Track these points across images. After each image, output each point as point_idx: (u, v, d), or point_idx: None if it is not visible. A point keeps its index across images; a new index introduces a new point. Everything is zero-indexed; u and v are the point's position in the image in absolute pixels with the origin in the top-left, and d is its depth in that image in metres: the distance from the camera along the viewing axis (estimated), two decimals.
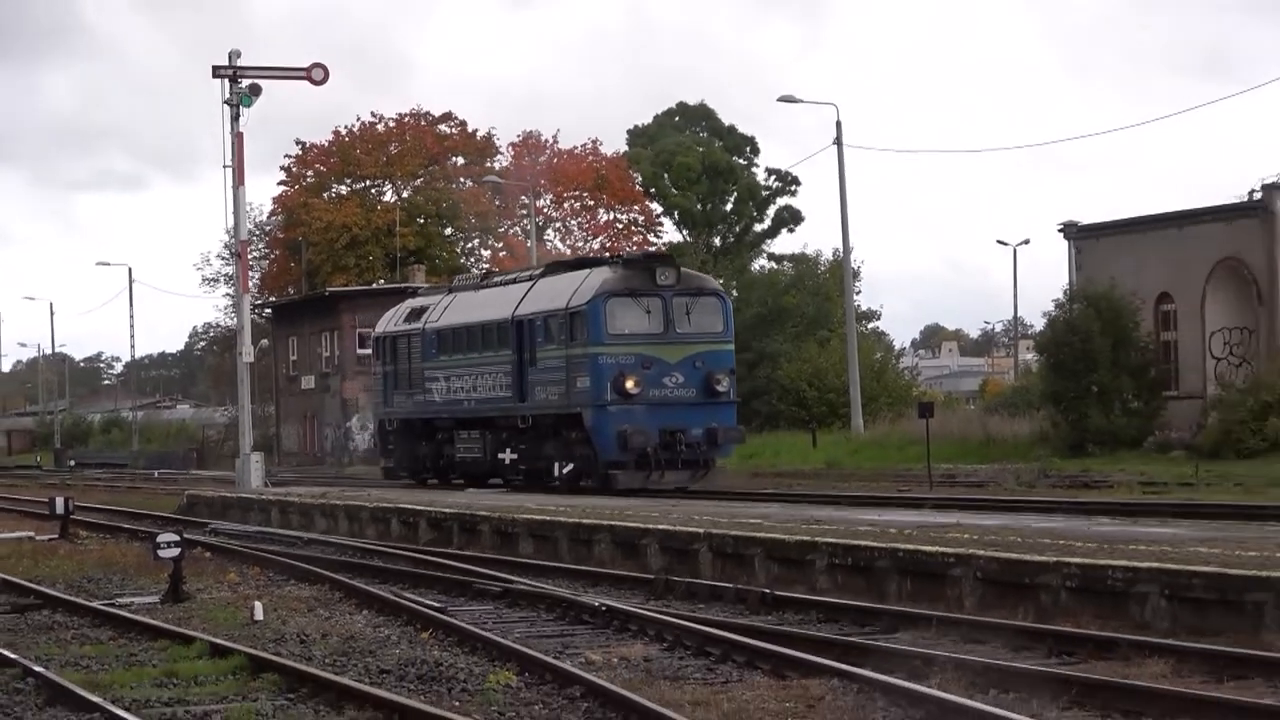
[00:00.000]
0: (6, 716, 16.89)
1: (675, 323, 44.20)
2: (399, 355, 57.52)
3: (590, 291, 43.92)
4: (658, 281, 44.41)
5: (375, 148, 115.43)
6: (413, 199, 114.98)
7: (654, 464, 43.32)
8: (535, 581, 27.29)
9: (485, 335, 50.37)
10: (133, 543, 38.00)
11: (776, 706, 16.02)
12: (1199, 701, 15.42)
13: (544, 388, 46.52)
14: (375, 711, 16.31)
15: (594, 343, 43.12)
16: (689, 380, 43.82)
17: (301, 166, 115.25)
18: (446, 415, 53.23)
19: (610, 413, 42.87)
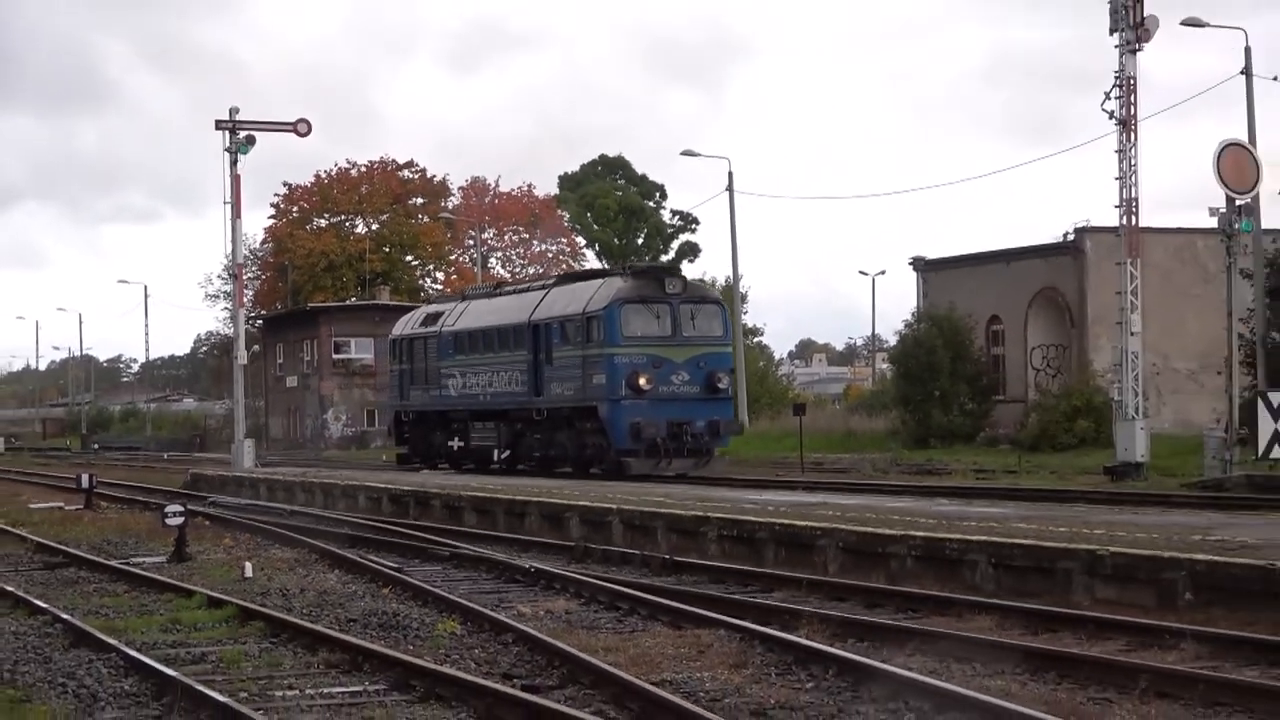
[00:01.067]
0: (39, 656, 16.82)
1: (681, 327, 43.20)
2: (415, 355, 55.55)
3: (606, 298, 42.88)
4: (666, 290, 43.43)
5: (349, 188, 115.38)
6: (380, 231, 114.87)
7: (663, 452, 42.05)
8: (477, 547, 27.25)
9: (501, 337, 48.53)
10: (145, 512, 37.78)
11: (674, 652, 16.08)
12: (1017, 649, 15.57)
13: (560, 384, 44.97)
14: (344, 653, 16.35)
15: (610, 344, 42.22)
16: (694, 378, 42.83)
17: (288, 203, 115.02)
18: (462, 408, 51.40)
19: (624, 406, 41.78)
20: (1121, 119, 42.05)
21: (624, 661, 15.10)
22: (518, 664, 15.77)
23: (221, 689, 13.89)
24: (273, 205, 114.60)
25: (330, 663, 16.17)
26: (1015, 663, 15.09)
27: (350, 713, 13.45)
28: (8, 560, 27.67)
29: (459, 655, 16.34)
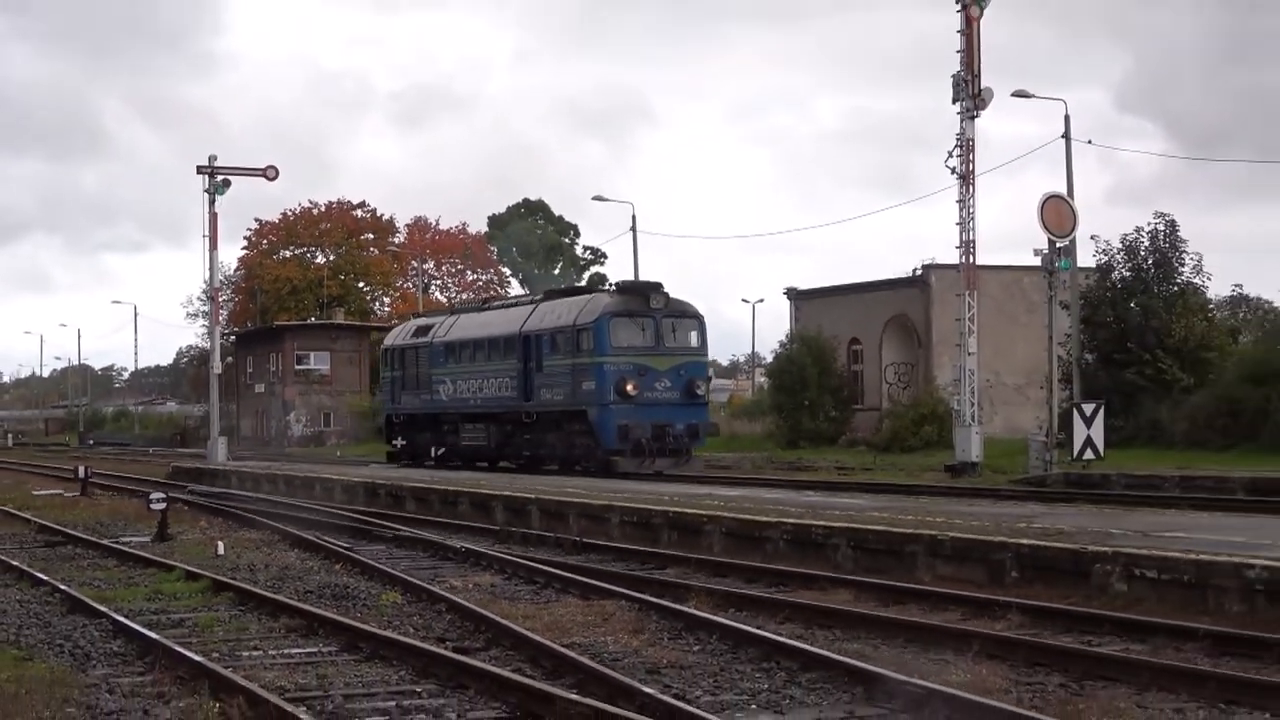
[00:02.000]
0: (40, 621, 16.69)
1: (664, 338, 41.75)
2: (406, 363, 53.26)
3: (595, 312, 41.39)
4: (650, 305, 41.96)
5: (310, 225, 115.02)
6: (336, 261, 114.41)
7: (647, 452, 40.20)
8: (416, 530, 27.12)
9: (493, 347, 46.22)
10: (132, 499, 37.45)
11: (582, 619, 16.05)
12: (871, 618, 15.64)
13: (549, 389, 42.89)
14: (301, 620, 16.31)
15: (599, 353, 40.54)
16: (674, 385, 41.29)
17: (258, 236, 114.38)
18: (453, 411, 49.45)
19: (613, 410, 40.10)
20: (962, 174, 42.34)
21: (539, 627, 15.08)
22: (450, 629, 15.76)
23: (196, 650, 13.84)
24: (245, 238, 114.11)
25: (290, 628, 16.15)
26: (870, 629, 15.20)
27: (306, 670, 13.38)
28: (14, 539, 27.45)
29: (400, 622, 16.29)
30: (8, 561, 22.67)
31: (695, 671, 13.00)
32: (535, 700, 11.55)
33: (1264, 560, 15.49)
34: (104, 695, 12.29)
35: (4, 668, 13.30)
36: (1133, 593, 16.30)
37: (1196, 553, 16.53)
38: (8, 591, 19.60)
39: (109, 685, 12.76)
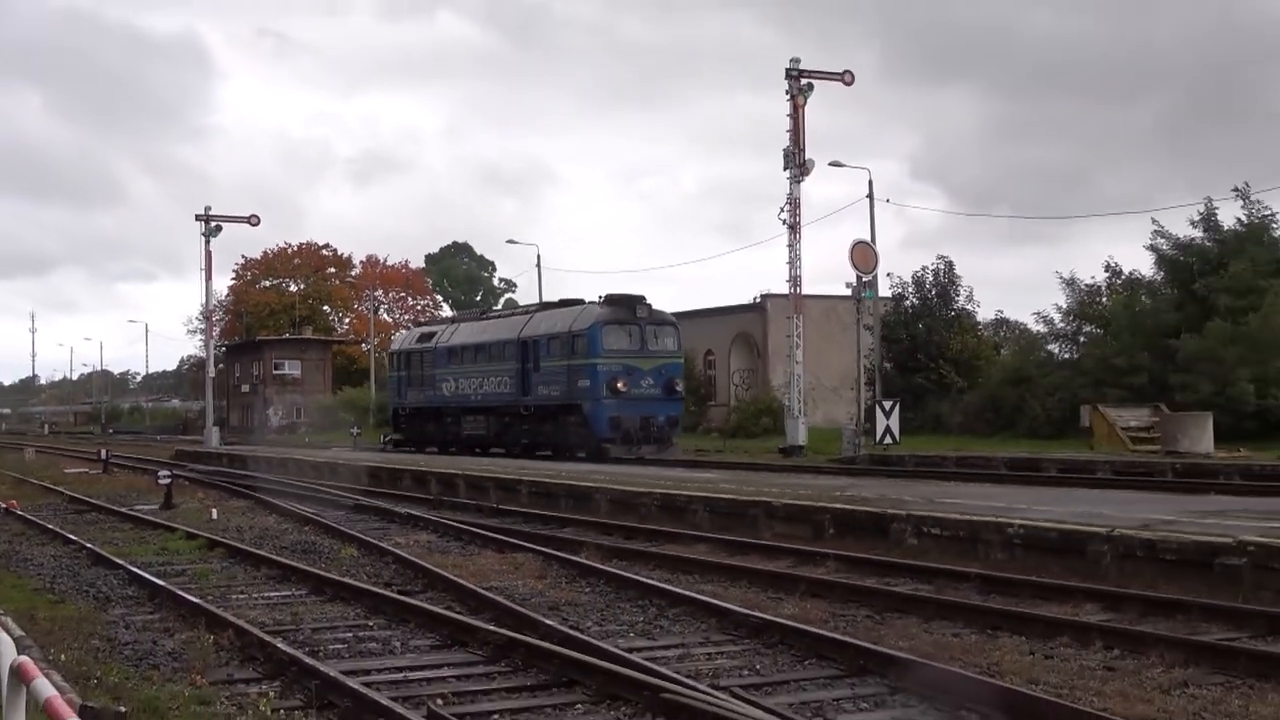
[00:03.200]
0: (69, 572, 16.47)
1: (647, 343, 39.44)
2: (412, 365, 49.54)
3: (589, 320, 39.22)
4: (636, 315, 39.68)
5: (285, 260, 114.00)
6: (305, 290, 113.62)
7: (635, 440, 37.91)
8: (369, 500, 26.90)
9: (494, 350, 43.31)
10: (144, 475, 36.88)
11: (499, 568, 16.08)
12: (722, 566, 15.69)
13: (545, 386, 40.12)
14: (278, 569, 16.24)
15: (593, 355, 38.19)
16: (656, 383, 39.07)
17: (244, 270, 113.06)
18: (455, 405, 46.10)
19: (605, 404, 37.74)
20: (790, 225, 42.74)
21: (465, 574, 15.07)
22: (395, 576, 15.71)
23: (194, 593, 13.76)
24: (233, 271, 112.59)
25: (269, 576, 16.06)
26: (721, 575, 15.28)
27: (282, 609, 13.31)
28: (48, 507, 27.00)
29: (356, 571, 16.21)
30: (44, 525, 22.35)
31: (586, 608, 13.07)
32: (462, 631, 11.57)
33: (1019, 520, 15.79)
34: (121, 630, 12.22)
35: (41, 609, 13.25)
36: (921, 545, 16.53)
37: (969, 514, 16.81)
38: (44, 549, 19.31)
39: (125, 622, 12.69)
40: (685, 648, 11.00)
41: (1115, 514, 16.13)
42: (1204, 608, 11.83)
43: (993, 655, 10.32)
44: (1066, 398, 43.68)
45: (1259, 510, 17.13)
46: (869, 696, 9.17)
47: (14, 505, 26.01)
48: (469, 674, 10.15)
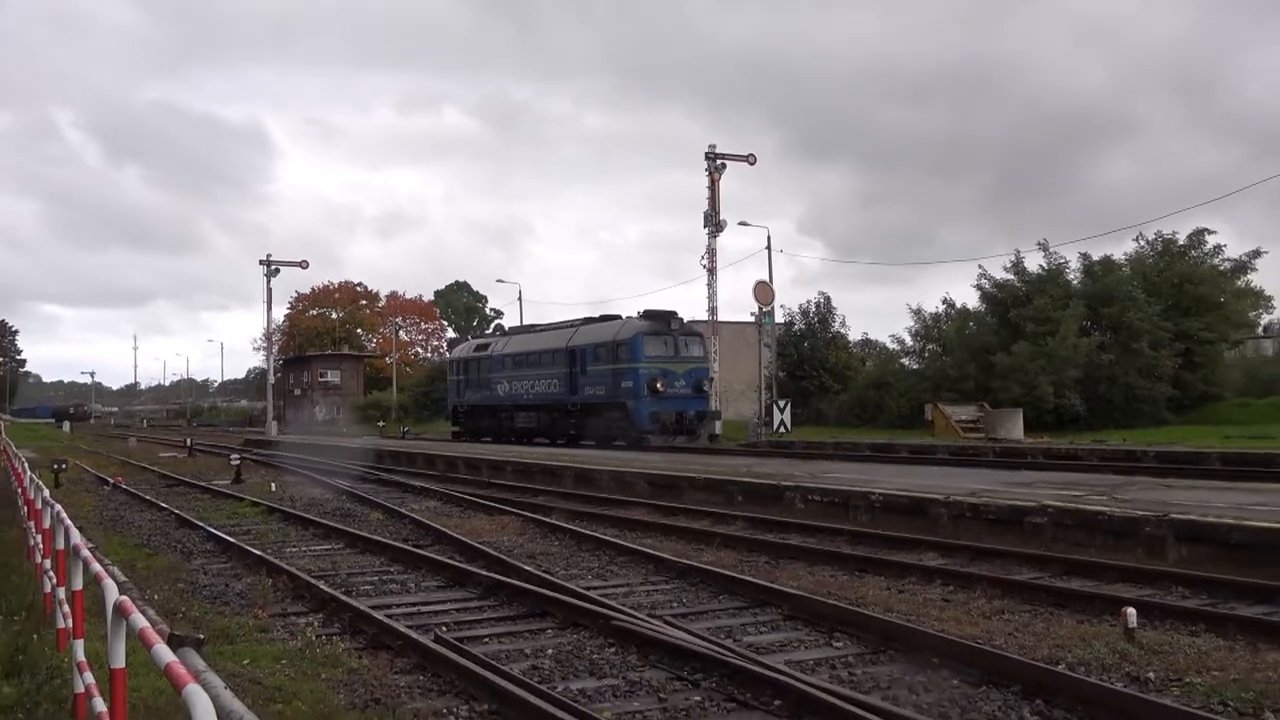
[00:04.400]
0: (161, 532, 16.28)
1: (680, 350, 35.97)
2: (469, 370, 45.31)
3: (631, 331, 35.75)
4: (670, 327, 36.38)
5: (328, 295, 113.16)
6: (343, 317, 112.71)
7: (670, 431, 34.82)
8: (392, 476, 26.66)
9: (544, 357, 39.62)
10: (219, 458, 36.46)
11: (489, 527, 15.96)
12: (658, 525, 15.64)
13: (592, 387, 36.68)
14: (322, 530, 16.08)
15: (635, 361, 34.88)
16: (687, 384, 35.73)
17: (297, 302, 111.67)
18: (508, 403, 42.02)
19: (645, 401, 34.47)
20: (709, 269, 42.82)
21: (464, 532, 14.99)
22: (411, 534, 15.57)
23: (257, 547, 13.62)
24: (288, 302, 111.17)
25: (315, 534, 15.92)
26: (657, 532, 15.24)
27: (324, 559, 13.22)
28: (146, 482, 26.61)
29: (380, 529, 16.06)
30: (142, 496, 22.05)
31: (555, 557, 13.03)
32: (460, 574, 11.53)
33: (879, 490, 15.85)
34: (201, 576, 12.10)
35: (140, 560, 13.10)
36: (807, 509, 16.56)
37: (842, 485, 16.88)
38: (142, 514, 19.04)
39: (204, 570, 12.58)
40: (630, 586, 11.00)
41: (950, 485, 16.28)
42: (1016, 554, 11.94)
43: (860, 590, 10.38)
44: (914, 398, 44.00)
45: (1057, 481, 17.34)
46: (767, 622, 9.20)
47: (120, 481, 25.76)
48: (466, 607, 10.12)
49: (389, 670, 7.76)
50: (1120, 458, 25.41)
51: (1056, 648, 7.92)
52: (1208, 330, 41.81)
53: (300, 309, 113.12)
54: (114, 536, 15.61)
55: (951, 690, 6.99)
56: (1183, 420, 39.31)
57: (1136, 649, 7.79)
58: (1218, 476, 19.32)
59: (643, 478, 21.21)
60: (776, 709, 6.57)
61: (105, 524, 17.30)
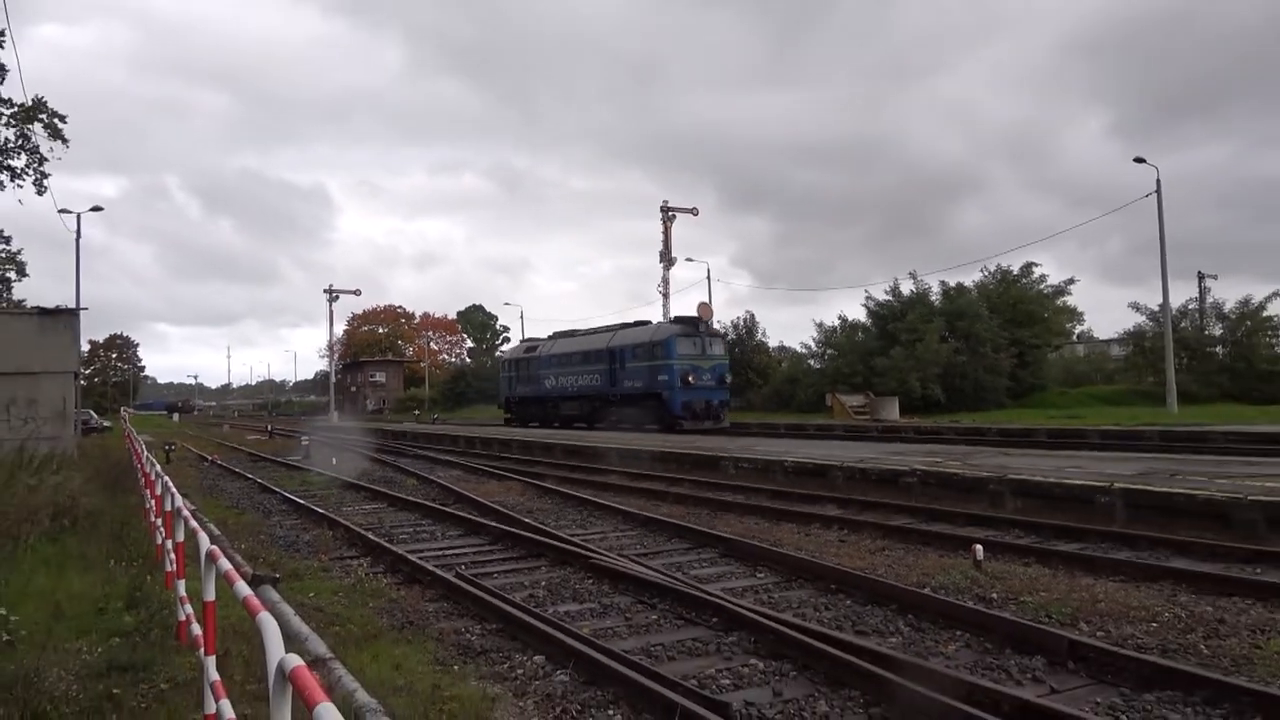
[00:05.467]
0: (247, 495, 15.99)
1: (706, 349, 32.50)
2: (519, 367, 41.22)
3: (666, 334, 32.47)
4: (699, 329, 32.92)
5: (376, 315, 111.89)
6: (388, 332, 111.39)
7: (700, 417, 31.35)
8: (423, 451, 26.38)
9: (586, 356, 36.11)
10: (293, 440, 35.98)
11: (499, 489, 15.71)
12: (627, 488, 15.40)
13: (630, 381, 33.29)
14: (371, 493, 15.79)
15: (669, 358, 31.60)
16: (712, 377, 32.19)
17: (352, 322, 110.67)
18: (555, 395, 38.13)
19: (678, 391, 31.25)
20: (664, 294, 42.93)
21: (479, 494, 14.80)
22: (438, 496, 15.34)
23: (320, 507, 13.41)
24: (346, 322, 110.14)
25: (365, 496, 15.61)
26: (626, 494, 15.07)
27: (372, 516, 13.03)
28: (236, 459, 26.18)
29: (415, 493, 15.78)
30: (232, 469, 21.69)
31: (548, 512, 12.86)
32: (475, 526, 11.39)
33: (791, 458, 15.85)
34: (277, 529, 11.89)
35: (230, 518, 12.83)
36: (738, 474, 16.51)
37: (765, 455, 16.85)
38: (232, 483, 18.67)
39: (280, 525, 12.34)
40: (604, 533, 10.93)
41: (844, 454, 16.33)
42: (894, 506, 11.97)
43: (777, 535, 10.36)
44: (818, 389, 44.11)
45: (923, 451, 17.42)
46: (708, 559, 9.16)
47: (216, 458, 25.30)
48: (480, 550, 10.00)
49: (421, 599, 7.66)
50: (970, 433, 25.61)
51: (924, 575, 7.94)
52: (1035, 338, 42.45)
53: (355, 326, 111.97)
54: (211, 500, 15.34)
55: (846, 609, 6.99)
56: (1017, 405, 39.75)
57: (984, 576, 7.83)
58: (1043, 447, 19.51)
59: (615, 451, 20.97)
60: (714, 625, 6.55)
61: (204, 491, 16.99)
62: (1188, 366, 39.59)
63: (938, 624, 6.41)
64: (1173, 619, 6.41)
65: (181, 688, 4.97)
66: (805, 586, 7.76)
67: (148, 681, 5.10)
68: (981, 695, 4.76)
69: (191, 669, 5.09)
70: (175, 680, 5.09)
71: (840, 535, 10.28)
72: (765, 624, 6.12)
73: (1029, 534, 9.95)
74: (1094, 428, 24.61)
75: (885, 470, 13.67)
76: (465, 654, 6.07)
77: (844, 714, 4.85)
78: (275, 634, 2.58)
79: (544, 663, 5.80)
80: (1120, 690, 5.07)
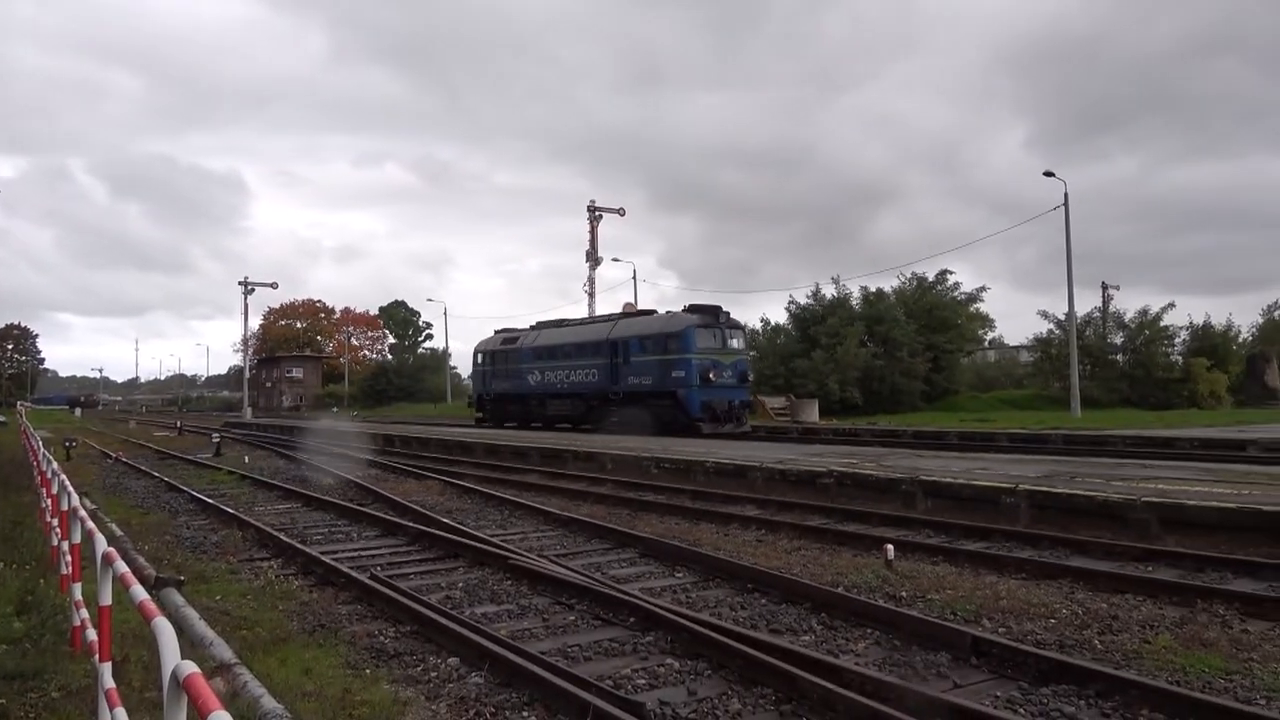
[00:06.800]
0: (152, 495, 15.37)
1: (726, 342, 28.13)
2: (497, 361, 35.77)
3: (682, 324, 28.00)
4: (718, 320, 28.39)
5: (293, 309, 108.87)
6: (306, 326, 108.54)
7: (722, 420, 27.14)
8: (338, 449, 25.72)
9: (580, 349, 31.56)
10: (203, 437, 34.76)
11: (417, 489, 15.46)
12: (547, 487, 15.32)
13: (636, 377, 28.79)
14: (284, 492, 15.37)
15: (687, 352, 27.35)
16: (733, 374, 27.76)
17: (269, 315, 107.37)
18: (540, 392, 33.19)
19: (696, 391, 27.01)
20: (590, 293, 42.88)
21: (398, 493, 14.53)
22: (355, 495, 15.02)
23: (231, 506, 12.99)
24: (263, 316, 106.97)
25: (278, 495, 15.20)
26: (546, 493, 14.96)
27: (285, 516, 12.68)
28: (142, 456, 25.17)
29: (332, 492, 15.37)
30: (138, 467, 20.84)
31: (468, 512, 12.71)
32: (392, 526, 11.19)
33: (712, 459, 15.94)
34: (184, 530, 11.46)
35: (134, 518, 12.35)
36: (659, 474, 16.48)
37: (686, 456, 16.90)
38: (138, 481, 17.94)
39: (187, 525, 11.90)
40: (524, 533, 10.85)
41: (764, 455, 16.51)
42: (811, 506, 12.08)
43: (696, 535, 10.43)
44: None
45: (840, 452, 17.74)
46: (627, 559, 9.17)
47: (121, 455, 24.33)
48: (397, 551, 9.83)
49: (334, 601, 7.49)
50: (886, 435, 26.17)
51: (838, 574, 8.07)
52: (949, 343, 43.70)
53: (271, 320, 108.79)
54: (114, 499, 14.73)
55: (761, 607, 7.08)
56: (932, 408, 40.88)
57: (894, 575, 8.00)
58: (955, 449, 20.08)
59: (536, 450, 20.78)
60: (631, 624, 6.56)
61: (107, 489, 16.29)
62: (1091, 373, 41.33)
63: (850, 622, 6.51)
64: (1070, 615, 6.67)
65: (74, 696, 4.77)
66: (723, 586, 7.81)
67: (38, 690, 4.88)
68: (888, 691, 4.88)
69: (86, 676, 4.89)
70: (68, 688, 4.89)
71: (758, 535, 10.39)
72: (682, 623, 6.16)
73: (938, 534, 10.20)
74: (1003, 431, 25.45)
75: (803, 471, 13.80)
76: (378, 657, 5.96)
77: (756, 712, 4.92)
78: (170, 639, 2.49)
79: (459, 665, 5.73)
80: (1019, 684, 5.25)
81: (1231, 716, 4.52)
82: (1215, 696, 4.87)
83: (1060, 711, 4.84)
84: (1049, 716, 4.79)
